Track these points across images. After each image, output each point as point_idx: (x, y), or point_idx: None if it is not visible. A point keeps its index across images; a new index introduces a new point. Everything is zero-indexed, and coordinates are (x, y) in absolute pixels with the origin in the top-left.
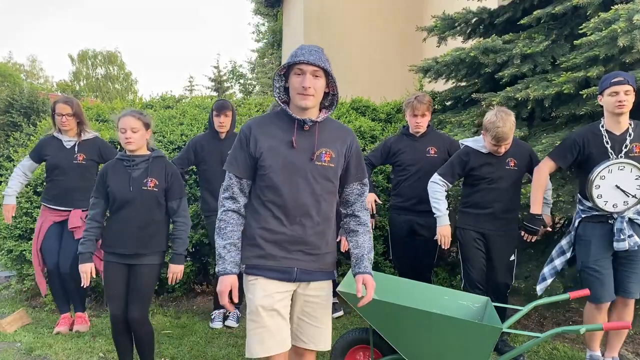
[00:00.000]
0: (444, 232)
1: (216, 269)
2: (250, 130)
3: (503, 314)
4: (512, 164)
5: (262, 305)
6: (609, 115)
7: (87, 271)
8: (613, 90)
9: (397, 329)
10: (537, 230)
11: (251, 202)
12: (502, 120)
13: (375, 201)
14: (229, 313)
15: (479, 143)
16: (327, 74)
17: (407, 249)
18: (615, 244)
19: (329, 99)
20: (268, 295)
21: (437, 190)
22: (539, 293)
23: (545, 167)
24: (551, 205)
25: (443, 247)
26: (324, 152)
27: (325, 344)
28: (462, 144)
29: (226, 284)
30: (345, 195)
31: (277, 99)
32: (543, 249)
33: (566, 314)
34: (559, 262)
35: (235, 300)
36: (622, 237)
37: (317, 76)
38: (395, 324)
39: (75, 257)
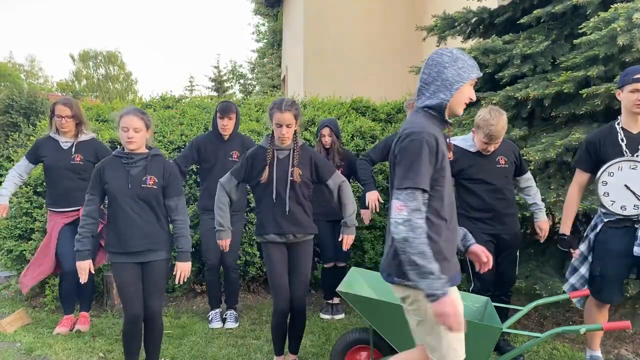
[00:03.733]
0: None
1: (435, 291)
2: (437, 142)
3: (505, 314)
4: (503, 162)
5: (461, 313)
6: (627, 112)
7: (85, 268)
8: (634, 88)
9: (397, 329)
10: (565, 250)
11: (428, 218)
12: (495, 119)
13: (379, 200)
14: (227, 314)
15: (467, 142)
16: None
17: None
18: (636, 249)
19: None
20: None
21: None
22: (578, 306)
23: (574, 181)
24: (543, 209)
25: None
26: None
27: None
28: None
29: (453, 303)
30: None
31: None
32: (543, 249)
33: (566, 313)
34: (584, 270)
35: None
36: None
37: None
38: (395, 324)
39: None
